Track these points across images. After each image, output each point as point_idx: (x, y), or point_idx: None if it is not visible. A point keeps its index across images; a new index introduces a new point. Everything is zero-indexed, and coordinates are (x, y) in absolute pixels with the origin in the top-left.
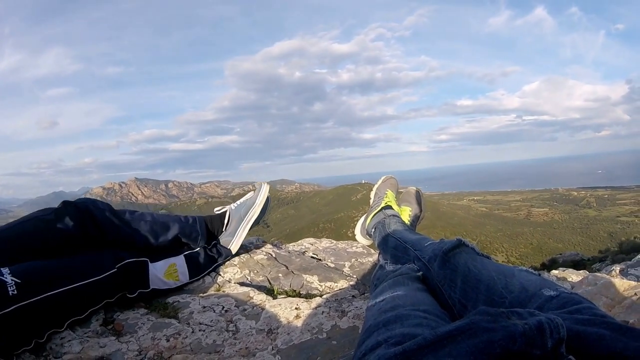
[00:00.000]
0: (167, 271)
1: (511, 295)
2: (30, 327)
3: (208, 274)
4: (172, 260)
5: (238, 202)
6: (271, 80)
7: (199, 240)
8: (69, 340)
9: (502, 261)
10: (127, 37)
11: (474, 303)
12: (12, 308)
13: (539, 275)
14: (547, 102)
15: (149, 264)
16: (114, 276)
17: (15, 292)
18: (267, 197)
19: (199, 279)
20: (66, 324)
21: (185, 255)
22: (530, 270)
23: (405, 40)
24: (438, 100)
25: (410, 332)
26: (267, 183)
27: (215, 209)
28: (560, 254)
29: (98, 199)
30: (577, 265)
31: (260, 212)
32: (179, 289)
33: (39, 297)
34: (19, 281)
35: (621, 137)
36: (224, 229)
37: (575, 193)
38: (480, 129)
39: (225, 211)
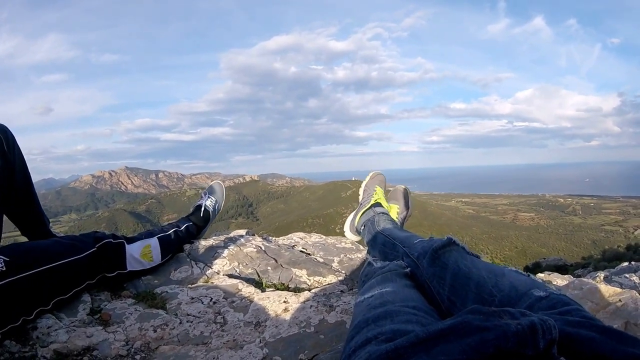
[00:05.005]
0: (142, 251)
1: (501, 294)
2: (18, 304)
3: (176, 254)
4: (147, 241)
5: (210, 197)
6: (267, 74)
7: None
8: (56, 330)
9: None
10: (124, 26)
11: (463, 300)
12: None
13: (529, 276)
14: (539, 109)
15: (126, 245)
16: (93, 255)
17: (4, 268)
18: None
19: (169, 259)
20: (52, 303)
21: (158, 238)
22: (519, 270)
23: (402, 41)
24: (431, 102)
25: (400, 328)
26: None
27: (193, 206)
28: (544, 259)
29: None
30: (560, 270)
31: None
32: (154, 271)
33: (26, 274)
34: (7, 259)
35: (610, 148)
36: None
37: (562, 200)
38: (472, 132)
39: (202, 206)
